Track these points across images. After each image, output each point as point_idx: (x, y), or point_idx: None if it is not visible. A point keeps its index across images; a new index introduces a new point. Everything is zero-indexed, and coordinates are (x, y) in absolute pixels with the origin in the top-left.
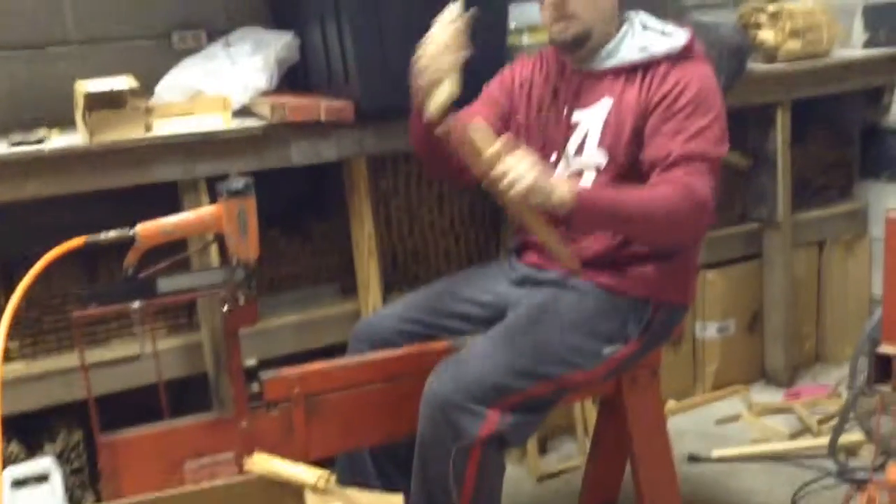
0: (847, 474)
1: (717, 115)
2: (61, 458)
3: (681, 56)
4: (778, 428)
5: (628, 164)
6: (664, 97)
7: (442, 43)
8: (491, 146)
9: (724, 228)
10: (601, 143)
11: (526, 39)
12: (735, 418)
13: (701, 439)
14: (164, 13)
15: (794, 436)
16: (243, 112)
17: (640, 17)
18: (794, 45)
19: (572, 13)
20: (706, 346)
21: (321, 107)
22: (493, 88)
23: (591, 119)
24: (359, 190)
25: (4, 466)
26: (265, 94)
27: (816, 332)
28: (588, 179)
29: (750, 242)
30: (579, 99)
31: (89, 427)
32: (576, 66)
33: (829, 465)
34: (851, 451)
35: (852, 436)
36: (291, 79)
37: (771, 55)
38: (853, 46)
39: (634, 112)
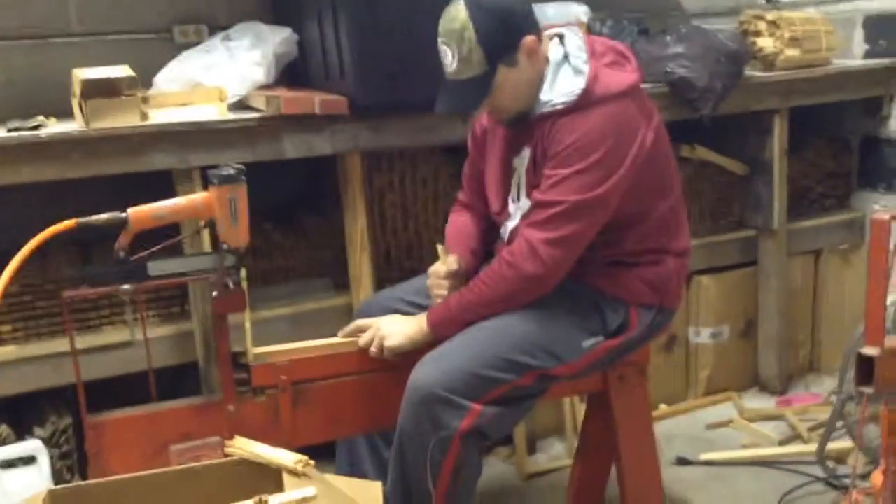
0: (834, 480)
1: (597, 160)
2: (50, 442)
3: (576, 106)
4: (768, 434)
5: None
6: (546, 150)
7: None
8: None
9: (720, 234)
10: (528, 193)
11: None
12: (725, 423)
13: (690, 443)
14: (166, 7)
15: (783, 442)
16: (240, 105)
17: (560, 51)
18: (792, 52)
19: (501, 108)
20: (699, 352)
21: (315, 100)
22: (470, 148)
23: (520, 167)
24: (353, 185)
25: None
26: (262, 87)
27: (811, 341)
28: None
29: (746, 249)
30: (513, 146)
31: (79, 412)
32: None
33: (817, 471)
34: (840, 458)
35: (842, 443)
36: (291, 74)
37: (770, 63)
38: (854, 57)
39: (538, 165)
